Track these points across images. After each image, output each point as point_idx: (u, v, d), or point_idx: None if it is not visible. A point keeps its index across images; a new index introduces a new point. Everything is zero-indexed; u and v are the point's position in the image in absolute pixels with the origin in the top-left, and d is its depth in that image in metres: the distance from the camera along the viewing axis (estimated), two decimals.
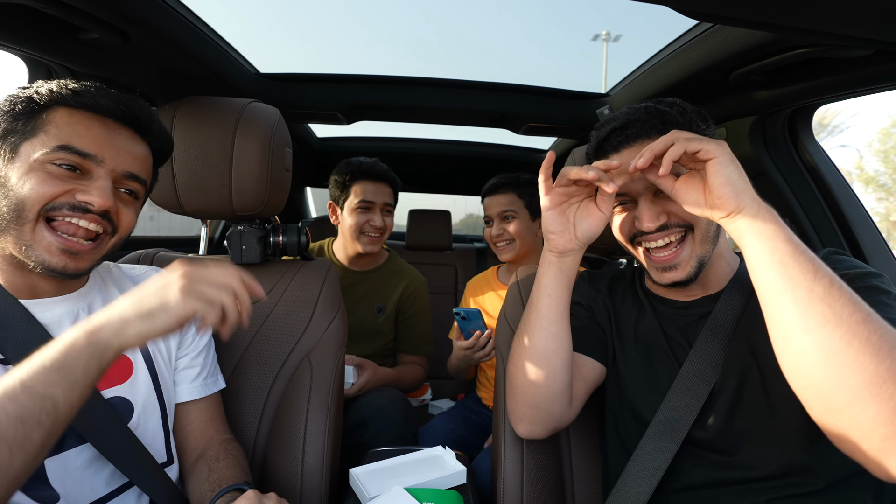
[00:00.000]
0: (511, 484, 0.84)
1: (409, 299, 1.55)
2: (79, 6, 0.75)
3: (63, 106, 0.64)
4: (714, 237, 0.72)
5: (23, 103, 0.63)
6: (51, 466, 0.65)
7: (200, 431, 0.82)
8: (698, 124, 0.72)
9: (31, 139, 0.62)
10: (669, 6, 0.59)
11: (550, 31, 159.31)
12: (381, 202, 1.47)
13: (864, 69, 0.84)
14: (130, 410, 0.73)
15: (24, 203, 0.61)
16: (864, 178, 13.86)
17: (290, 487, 0.87)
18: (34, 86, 0.65)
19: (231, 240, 1.03)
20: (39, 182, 0.61)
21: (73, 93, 0.64)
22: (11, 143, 0.62)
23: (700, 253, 0.71)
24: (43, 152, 0.61)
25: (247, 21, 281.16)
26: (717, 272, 0.76)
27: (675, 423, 0.70)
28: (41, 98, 0.63)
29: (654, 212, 0.71)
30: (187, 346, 0.84)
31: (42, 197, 0.61)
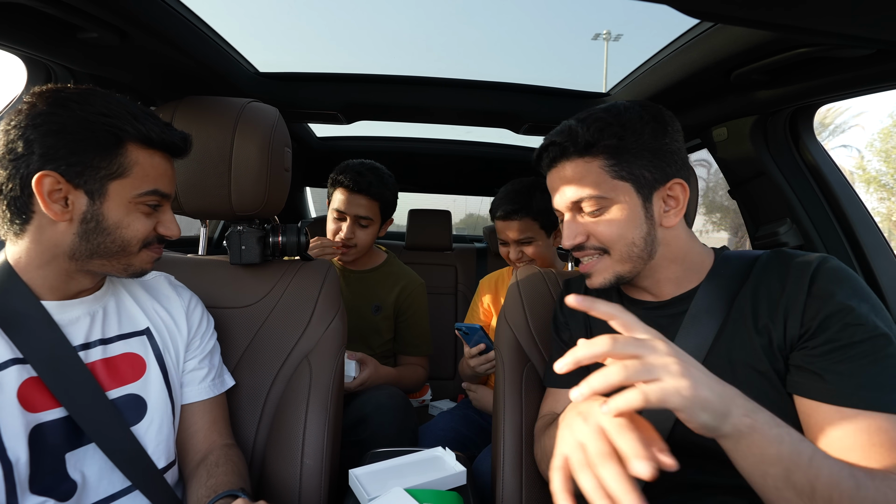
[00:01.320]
0: (511, 484, 0.84)
1: (407, 300, 1.55)
2: (77, 5, 0.75)
3: (141, 144, 0.68)
4: (643, 255, 0.72)
5: (105, 137, 0.65)
6: (70, 460, 0.67)
7: (203, 434, 0.82)
8: (631, 136, 0.70)
9: (121, 179, 0.67)
10: (670, 5, 0.59)
11: (551, 30, 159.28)
12: (353, 214, 1.40)
13: (866, 68, 0.84)
14: (144, 408, 0.75)
15: (129, 242, 0.70)
16: (866, 177, 13.85)
17: (289, 488, 0.87)
18: (103, 113, 0.65)
19: (230, 240, 1.03)
20: (139, 223, 0.70)
21: (154, 134, 0.69)
22: (99, 182, 0.65)
23: (619, 270, 0.73)
24: (136, 194, 0.68)
25: (246, 20, 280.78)
26: (677, 274, 0.75)
27: (655, 424, 0.69)
28: (125, 135, 0.66)
29: (573, 231, 0.74)
30: (195, 348, 0.85)
31: (143, 237, 0.71)
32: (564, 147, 0.72)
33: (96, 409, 0.68)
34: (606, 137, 0.70)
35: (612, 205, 0.71)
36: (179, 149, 0.73)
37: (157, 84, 1.12)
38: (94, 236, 0.67)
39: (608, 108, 0.73)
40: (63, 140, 0.62)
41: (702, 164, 9.42)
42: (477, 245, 2.39)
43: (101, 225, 0.67)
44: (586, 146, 0.70)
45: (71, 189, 0.64)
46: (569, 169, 0.73)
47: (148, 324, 0.80)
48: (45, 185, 0.62)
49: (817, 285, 0.63)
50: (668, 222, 0.72)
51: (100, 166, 0.65)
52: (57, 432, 0.67)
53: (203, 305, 0.90)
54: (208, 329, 0.88)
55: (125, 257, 0.71)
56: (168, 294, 0.85)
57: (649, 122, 0.71)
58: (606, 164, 0.70)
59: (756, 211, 1.28)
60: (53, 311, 0.69)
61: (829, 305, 0.61)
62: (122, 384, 0.73)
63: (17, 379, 0.65)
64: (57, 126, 0.62)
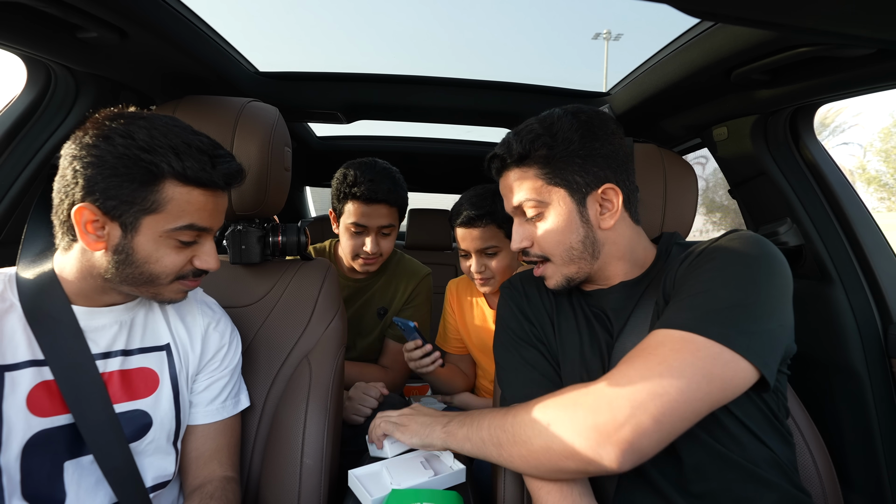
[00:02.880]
0: (511, 483, 0.84)
1: (416, 290, 1.48)
2: (77, 5, 0.75)
3: (177, 181, 0.66)
4: (584, 256, 0.77)
5: (140, 174, 0.64)
6: (69, 468, 0.67)
7: (204, 461, 0.81)
8: (560, 144, 0.75)
9: (154, 214, 0.66)
10: (670, 5, 0.59)
11: (551, 29, 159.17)
12: (375, 226, 1.30)
13: (866, 68, 0.83)
14: (149, 425, 0.74)
15: (159, 275, 0.70)
16: (866, 177, 13.84)
17: (289, 488, 0.87)
18: (143, 149, 0.64)
19: (230, 239, 1.03)
20: (171, 258, 0.69)
21: (190, 171, 0.66)
22: (133, 216, 0.65)
23: (566, 273, 0.79)
24: (169, 229, 0.67)
25: (246, 20, 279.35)
26: (625, 269, 0.80)
27: (601, 483, 0.73)
28: (160, 173, 0.65)
29: (519, 235, 0.81)
30: (211, 370, 0.84)
31: (175, 270, 0.71)
32: (503, 159, 0.80)
33: (101, 422, 0.68)
34: (538, 148, 0.76)
35: (549, 209, 0.77)
36: (220, 186, 0.71)
37: (156, 83, 1.12)
38: (125, 267, 0.67)
39: (542, 118, 0.79)
40: (101, 174, 0.63)
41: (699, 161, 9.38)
42: None
43: (132, 257, 0.67)
44: (520, 157, 0.77)
45: (107, 221, 0.65)
46: (510, 177, 0.80)
47: (169, 340, 0.79)
48: (83, 216, 0.64)
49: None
50: (605, 224, 0.77)
51: (134, 201, 0.65)
52: (61, 439, 0.67)
53: (228, 327, 0.87)
54: (228, 352, 0.86)
55: (154, 287, 0.71)
56: (191, 310, 0.84)
57: (579, 130, 0.75)
58: (541, 171, 0.76)
59: (756, 210, 1.28)
60: (82, 316, 0.70)
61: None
62: (132, 399, 0.73)
63: (30, 382, 0.65)
64: (97, 160, 0.63)
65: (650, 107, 1.25)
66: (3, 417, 0.63)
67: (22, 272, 0.70)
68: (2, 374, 0.64)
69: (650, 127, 1.39)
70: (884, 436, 1.02)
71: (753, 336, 0.59)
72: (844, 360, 1.07)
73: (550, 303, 0.87)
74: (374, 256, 1.33)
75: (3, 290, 0.68)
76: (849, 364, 1.07)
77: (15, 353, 0.65)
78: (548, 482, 0.70)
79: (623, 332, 0.75)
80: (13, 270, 0.71)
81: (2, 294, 0.67)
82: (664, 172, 1.01)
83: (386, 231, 1.33)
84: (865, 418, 1.04)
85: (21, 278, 0.69)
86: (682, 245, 0.81)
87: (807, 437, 0.89)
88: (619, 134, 0.79)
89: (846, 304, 1.09)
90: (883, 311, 1.06)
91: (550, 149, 0.75)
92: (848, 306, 1.08)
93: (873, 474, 1.03)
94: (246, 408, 0.89)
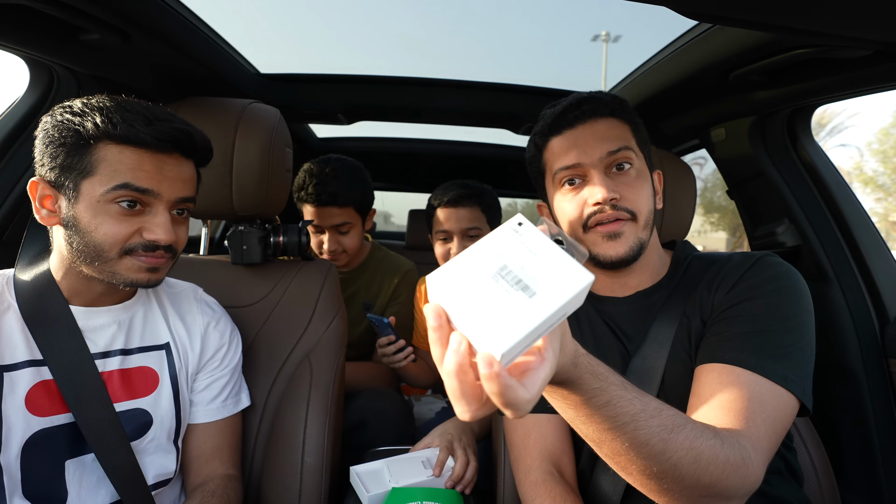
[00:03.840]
0: (511, 484, 0.84)
1: (401, 286, 1.50)
2: (79, 7, 0.75)
3: (111, 140, 0.65)
4: (651, 227, 0.76)
5: (71, 137, 0.64)
6: (70, 467, 0.68)
7: (205, 459, 0.81)
8: (638, 119, 0.78)
9: (89, 177, 0.64)
10: (669, 7, 0.59)
11: (550, 31, 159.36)
12: (328, 225, 1.31)
13: (864, 69, 0.84)
14: (149, 423, 0.75)
15: (102, 246, 0.66)
16: (863, 178, 13.88)
17: (290, 486, 0.87)
18: (75, 114, 0.65)
19: (232, 240, 1.03)
20: (111, 226, 0.65)
21: (119, 128, 0.64)
22: (73, 181, 0.65)
23: (641, 237, 0.74)
24: (103, 191, 0.64)
25: (247, 21, 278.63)
26: (653, 262, 0.80)
27: (607, 494, 0.72)
28: (87, 133, 0.64)
29: (607, 186, 0.71)
30: (211, 369, 0.84)
31: (117, 240, 0.66)
32: (602, 103, 0.74)
33: (101, 421, 0.68)
34: (629, 111, 0.77)
35: (638, 166, 0.75)
36: (149, 144, 0.66)
37: (158, 85, 1.12)
38: (75, 239, 0.66)
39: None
40: (43, 143, 0.65)
41: (697, 162, 9.30)
42: None
43: (77, 227, 0.65)
44: (617, 109, 0.75)
45: (56, 193, 0.66)
46: (603, 125, 0.74)
47: (169, 339, 0.80)
48: (37, 191, 0.66)
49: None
50: (658, 204, 0.79)
51: (72, 166, 0.65)
52: (61, 438, 0.67)
53: (228, 326, 0.87)
54: (229, 352, 0.86)
55: (104, 264, 0.67)
56: (191, 309, 0.84)
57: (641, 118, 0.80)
58: (632, 130, 0.76)
59: (754, 211, 1.29)
60: (80, 316, 0.70)
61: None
62: (132, 397, 0.74)
63: (28, 382, 0.66)
64: (42, 133, 0.66)
65: (649, 108, 1.25)
66: (2, 417, 0.63)
67: (20, 273, 0.70)
68: (0, 375, 0.64)
69: (649, 128, 1.39)
70: (881, 434, 1.03)
71: (808, 380, 0.63)
72: (841, 359, 1.08)
73: None
74: (335, 254, 1.35)
75: (0, 292, 0.68)
76: (846, 363, 1.08)
77: (13, 354, 0.66)
78: (539, 496, 0.69)
79: (643, 346, 0.73)
80: (11, 272, 0.72)
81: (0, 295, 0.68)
82: (663, 173, 1.02)
83: (343, 230, 1.34)
84: (862, 417, 1.05)
85: (18, 279, 0.70)
86: (704, 258, 0.79)
87: (804, 436, 0.89)
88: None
89: (843, 304, 1.09)
90: (880, 311, 1.07)
91: (634, 118, 0.78)
92: (845, 306, 1.09)
93: (870, 472, 1.03)
94: (247, 407, 0.89)
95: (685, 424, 0.51)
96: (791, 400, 0.60)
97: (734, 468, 0.51)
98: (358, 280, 1.48)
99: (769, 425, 0.57)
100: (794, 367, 0.61)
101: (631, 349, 0.75)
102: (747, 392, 0.59)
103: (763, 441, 0.56)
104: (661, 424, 0.49)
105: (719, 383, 0.61)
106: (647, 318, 0.75)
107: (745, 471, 0.52)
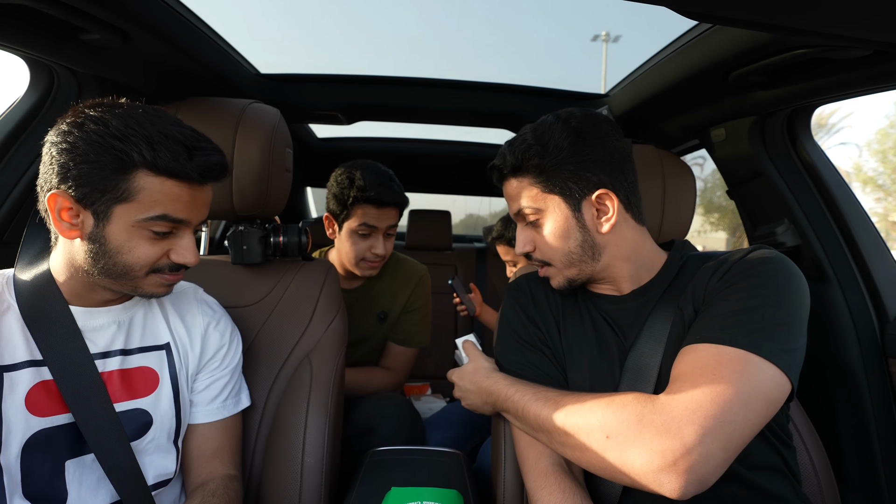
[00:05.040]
0: (512, 483, 0.84)
1: (416, 293, 1.47)
2: (79, 7, 0.76)
3: (150, 171, 0.65)
4: (584, 259, 0.78)
5: (112, 162, 0.63)
6: (71, 467, 0.68)
7: (205, 459, 0.81)
8: (551, 153, 0.76)
9: (125, 203, 0.65)
10: (668, 7, 0.59)
11: (550, 31, 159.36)
12: (384, 226, 1.31)
13: (863, 69, 0.84)
14: (149, 423, 0.75)
15: (132, 267, 0.68)
16: (863, 178, 13.87)
17: (290, 486, 0.87)
18: (115, 137, 0.63)
19: (232, 240, 1.03)
20: (144, 250, 0.67)
21: (163, 162, 0.64)
22: (105, 204, 0.64)
23: (567, 275, 0.81)
24: (141, 219, 0.66)
25: (247, 21, 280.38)
26: (631, 271, 0.80)
27: (605, 490, 0.73)
28: (132, 162, 0.64)
29: (523, 239, 0.83)
30: (211, 369, 0.84)
31: (148, 262, 0.69)
32: (500, 169, 0.83)
33: (101, 421, 0.68)
34: (530, 157, 0.78)
35: (546, 216, 0.79)
36: (194, 179, 0.68)
37: (158, 85, 1.12)
38: (99, 258, 0.67)
39: (535, 127, 0.80)
40: (73, 161, 0.63)
41: (697, 162, 9.29)
42: (477, 245, 2.40)
43: (104, 247, 0.66)
44: (514, 168, 0.80)
45: (81, 209, 0.65)
46: (509, 186, 0.83)
47: (169, 339, 0.80)
48: (56, 203, 0.64)
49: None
50: (603, 229, 0.77)
51: (105, 189, 0.64)
52: (62, 438, 0.67)
53: (229, 326, 0.87)
54: (229, 352, 0.86)
55: (130, 280, 0.69)
56: (191, 310, 0.84)
57: (569, 137, 0.76)
58: (535, 180, 0.79)
59: (754, 211, 1.29)
60: (80, 316, 0.70)
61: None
62: (132, 398, 0.74)
63: (28, 382, 0.66)
64: (70, 146, 0.63)
65: (648, 108, 1.25)
66: (2, 417, 0.63)
67: (19, 273, 0.70)
68: (0, 375, 0.64)
69: (649, 128, 1.39)
70: (880, 434, 1.03)
71: (793, 354, 0.62)
72: (841, 359, 1.08)
73: (557, 304, 0.87)
74: (381, 258, 1.34)
75: (0, 292, 0.68)
76: (846, 363, 1.08)
77: (13, 354, 0.66)
78: (549, 486, 0.69)
79: (638, 340, 0.74)
80: (11, 272, 0.72)
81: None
82: (662, 173, 1.02)
83: (391, 232, 1.35)
84: (862, 417, 1.05)
85: (18, 279, 0.70)
86: (699, 257, 0.80)
87: (804, 436, 0.89)
88: (616, 135, 0.79)
89: (843, 304, 1.09)
90: (879, 311, 1.07)
91: (542, 157, 0.77)
92: (845, 306, 1.09)
93: (870, 472, 1.04)
94: (247, 407, 0.89)
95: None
96: (769, 369, 0.59)
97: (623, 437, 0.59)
98: (372, 289, 1.44)
99: (719, 390, 0.57)
100: (774, 340, 0.61)
101: (627, 345, 0.76)
102: (701, 362, 0.61)
103: (704, 403, 0.56)
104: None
105: (680, 361, 0.64)
106: (642, 314, 0.77)
107: (650, 432, 0.57)
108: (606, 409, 0.62)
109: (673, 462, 0.55)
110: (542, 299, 0.88)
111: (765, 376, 0.59)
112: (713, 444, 0.55)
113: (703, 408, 0.56)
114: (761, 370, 0.59)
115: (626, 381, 0.72)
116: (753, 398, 0.57)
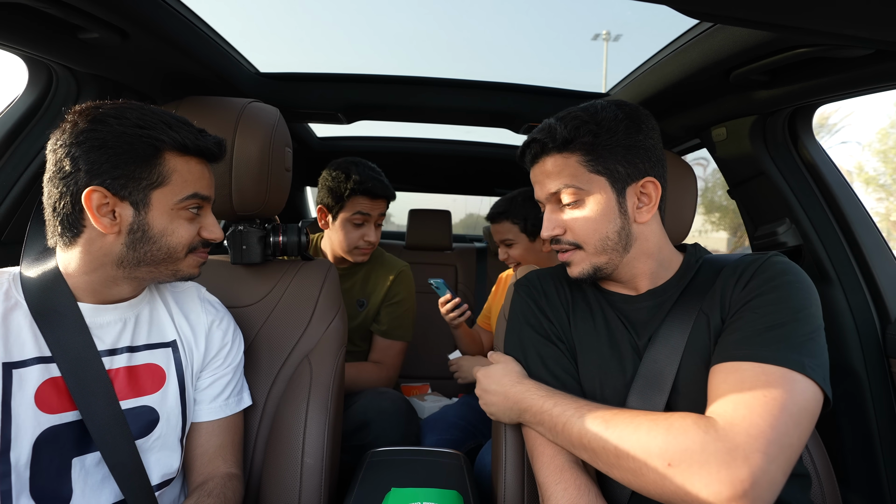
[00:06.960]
0: (512, 484, 0.84)
1: (398, 286, 1.53)
2: (78, 5, 0.75)
3: (177, 151, 0.70)
4: (617, 247, 0.76)
5: (144, 149, 0.67)
6: (77, 465, 0.68)
7: (208, 458, 0.82)
8: (605, 133, 0.74)
9: (161, 187, 0.69)
10: (669, 6, 0.59)
11: (550, 30, 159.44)
12: (376, 214, 1.46)
13: (865, 68, 0.84)
14: (155, 421, 0.75)
15: (175, 248, 0.72)
16: (864, 178, 13.87)
17: (290, 487, 0.87)
18: (138, 125, 0.67)
19: (231, 240, 1.03)
20: (184, 229, 0.73)
21: (190, 141, 0.70)
22: (143, 192, 0.68)
23: (595, 262, 0.77)
24: (178, 200, 0.71)
25: (247, 21, 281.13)
26: (652, 268, 0.79)
27: (615, 492, 0.72)
28: (163, 145, 0.68)
29: (551, 222, 0.79)
30: (215, 367, 0.84)
31: (189, 241, 0.74)
32: (544, 143, 0.77)
33: (107, 418, 0.68)
34: (583, 134, 0.74)
35: (589, 197, 0.75)
36: (213, 153, 0.75)
37: (157, 84, 1.12)
38: (141, 245, 0.69)
39: (586, 107, 0.77)
40: (105, 155, 0.65)
41: (699, 162, 9.29)
42: (477, 245, 2.39)
43: (148, 234, 0.69)
44: (564, 142, 0.75)
45: (117, 202, 0.66)
46: (549, 163, 0.78)
47: (175, 336, 0.80)
48: (93, 200, 0.65)
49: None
50: (641, 218, 0.76)
51: (141, 177, 0.67)
52: (69, 435, 0.67)
53: (231, 325, 0.88)
54: (231, 350, 0.87)
55: (172, 263, 0.73)
56: (195, 308, 0.85)
57: (623, 121, 0.75)
58: (583, 158, 0.75)
59: (755, 211, 1.28)
60: (87, 313, 0.70)
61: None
62: (139, 395, 0.74)
63: (38, 378, 0.66)
64: (98, 142, 0.64)
65: (649, 107, 1.24)
66: (12, 414, 0.63)
67: (26, 270, 0.70)
68: (10, 372, 0.64)
69: None
70: (882, 435, 1.03)
71: (825, 367, 0.63)
72: (843, 359, 1.08)
73: (567, 300, 0.85)
74: (372, 245, 1.48)
75: (7, 289, 0.68)
76: (847, 363, 1.07)
77: (22, 351, 0.66)
78: (564, 482, 0.69)
79: (654, 345, 0.73)
80: (17, 269, 0.71)
81: (7, 292, 0.67)
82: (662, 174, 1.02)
83: (379, 222, 1.50)
84: (864, 417, 1.05)
85: (25, 276, 0.70)
86: (713, 260, 0.79)
87: None
88: (658, 131, 0.79)
89: (845, 304, 1.09)
90: (881, 311, 1.07)
91: (595, 136, 0.74)
92: (846, 306, 1.09)
93: (872, 473, 1.03)
94: (247, 407, 0.89)
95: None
96: (811, 386, 0.60)
97: (691, 459, 0.56)
98: (355, 275, 1.53)
99: (775, 413, 0.57)
100: (811, 355, 0.62)
101: (641, 345, 0.75)
102: (748, 382, 0.60)
103: (765, 429, 0.56)
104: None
105: (724, 380, 0.62)
106: (658, 315, 0.76)
107: (716, 461, 0.55)
108: (667, 434, 0.59)
109: (742, 493, 0.54)
110: (552, 294, 0.86)
111: (809, 394, 0.59)
112: (777, 471, 0.55)
113: (764, 434, 0.56)
114: (806, 388, 0.59)
115: (639, 387, 0.71)
116: (803, 417, 0.58)
